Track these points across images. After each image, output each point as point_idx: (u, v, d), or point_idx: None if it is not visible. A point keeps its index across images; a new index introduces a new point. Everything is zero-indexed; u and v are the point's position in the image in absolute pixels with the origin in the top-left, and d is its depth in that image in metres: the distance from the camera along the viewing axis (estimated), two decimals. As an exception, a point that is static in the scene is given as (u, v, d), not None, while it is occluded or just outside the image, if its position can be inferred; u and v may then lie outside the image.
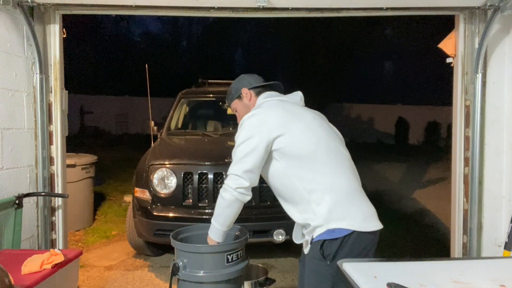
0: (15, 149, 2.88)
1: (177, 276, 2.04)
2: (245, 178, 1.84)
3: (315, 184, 1.80)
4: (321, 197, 1.79)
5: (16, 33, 2.90)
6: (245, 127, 1.88)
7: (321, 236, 1.79)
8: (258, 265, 2.60)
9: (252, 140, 1.83)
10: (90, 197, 5.63)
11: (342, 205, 1.79)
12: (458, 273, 1.42)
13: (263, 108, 1.96)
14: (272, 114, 1.88)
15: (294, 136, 1.83)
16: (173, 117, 5.34)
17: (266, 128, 1.83)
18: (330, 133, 1.96)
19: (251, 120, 1.88)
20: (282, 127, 1.83)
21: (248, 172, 1.84)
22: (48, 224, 3.14)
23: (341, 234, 1.77)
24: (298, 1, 2.95)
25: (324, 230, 1.78)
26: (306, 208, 1.83)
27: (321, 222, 1.78)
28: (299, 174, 1.82)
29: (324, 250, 1.78)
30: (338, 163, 1.87)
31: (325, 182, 1.80)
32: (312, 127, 1.89)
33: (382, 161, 12.05)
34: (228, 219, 1.94)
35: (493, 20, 2.87)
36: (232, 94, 2.18)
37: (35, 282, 2.04)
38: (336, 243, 1.77)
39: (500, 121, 3.06)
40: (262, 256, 4.32)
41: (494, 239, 3.07)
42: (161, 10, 3.07)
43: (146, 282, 3.81)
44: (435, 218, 6.16)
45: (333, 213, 1.77)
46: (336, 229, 1.77)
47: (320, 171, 1.81)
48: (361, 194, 1.89)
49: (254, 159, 1.83)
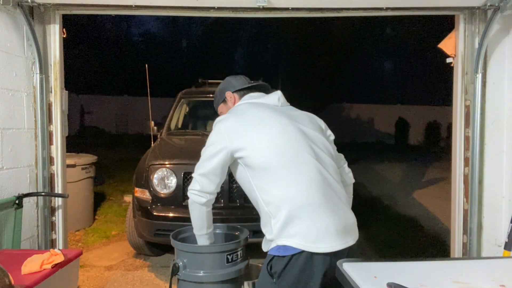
0: (15, 149, 2.88)
1: (177, 276, 2.04)
2: (198, 181, 1.86)
3: (271, 197, 1.70)
4: (275, 211, 1.68)
5: (16, 33, 2.91)
6: (213, 131, 1.89)
7: (271, 251, 1.72)
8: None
9: (214, 146, 1.84)
10: (90, 197, 5.63)
11: (295, 221, 1.64)
12: (458, 273, 1.42)
13: (231, 113, 1.95)
14: (236, 122, 1.84)
15: (253, 148, 1.75)
16: (173, 117, 5.34)
17: (228, 136, 1.81)
18: (301, 141, 1.78)
19: (218, 125, 1.88)
20: (241, 138, 1.78)
21: (202, 176, 1.85)
22: (48, 224, 3.15)
23: (289, 253, 1.64)
24: (298, 1, 2.95)
25: (274, 245, 1.69)
26: (266, 220, 1.76)
27: (273, 236, 1.69)
28: (259, 185, 1.75)
29: (272, 266, 1.71)
30: (300, 175, 1.70)
31: (280, 195, 1.68)
32: (278, 136, 1.76)
33: (382, 161, 12.06)
34: (196, 223, 1.95)
35: (493, 20, 2.87)
36: (218, 98, 2.16)
37: (35, 282, 2.04)
38: (283, 261, 1.65)
39: (500, 121, 3.06)
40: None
41: (494, 239, 3.07)
42: (161, 10, 3.07)
43: (146, 282, 3.81)
44: (435, 218, 6.16)
45: (285, 228, 1.65)
46: (284, 246, 1.65)
47: (276, 184, 1.70)
48: (327, 209, 1.67)
49: (212, 165, 1.83)
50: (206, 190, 1.86)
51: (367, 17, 3.37)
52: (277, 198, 1.69)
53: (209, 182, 1.85)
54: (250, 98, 2.03)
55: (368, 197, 7.61)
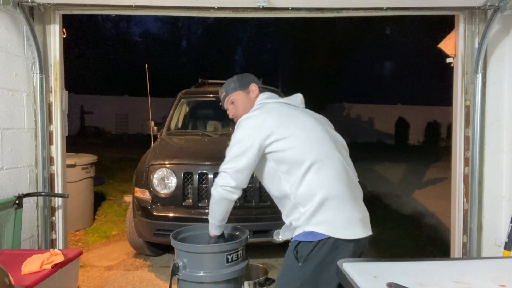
0: (15, 149, 2.88)
1: (177, 276, 2.04)
2: (233, 177, 1.85)
3: (303, 189, 1.80)
4: (306, 201, 1.80)
5: (16, 33, 2.91)
6: (242, 127, 1.90)
7: (297, 237, 1.83)
8: (258, 265, 2.60)
9: (247, 141, 1.84)
10: (90, 197, 5.63)
11: (325, 210, 1.78)
12: (458, 273, 1.42)
13: (262, 110, 1.96)
14: (269, 118, 1.89)
15: (289, 142, 1.83)
16: (173, 117, 5.33)
17: (262, 131, 1.84)
18: (327, 138, 1.92)
19: (248, 121, 1.90)
20: (277, 132, 1.84)
21: (237, 172, 1.85)
22: (48, 224, 3.15)
23: (316, 238, 1.77)
24: (298, 1, 2.95)
25: (300, 232, 1.81)
26: (293, 210, 1.86)
27: (300, 223, 1.82)
28: (289, 178, 1.83)
29: (298, 251, 1.81)
30: (330, 170, 1.83)
31: (312, 187, 1.79)
32: (309, 133, 1.89)
33: (382, 161, 12.06)
34: (218, 215, 1.98)
35: (493, 20, 2.87)
36: (237, 86, 2.14)
37: (35, 282, 2.04)
38: (310, 246, 1.77)
39: (500, 121, 3.06)
40: (262, 256, 4.32)
41: (494, 239, 3.07)
42: (161, 10, 3.07)
43: (146, 282, 3.81)
44: (435, 218, 6.16)
45: (314, 216, 1.78)
46: (312, 232, 1.78)
47: (309, 177, 1.80)
48: (351, 200, 1.84)
49: (246, 160, 1.84)
50: (241, 186, 1.87)
51: (367, 17, 3.37)
52: (309, 190, 1.79)
53: (244, 178, 1.87)
54: (274, 97, 2.07)
55: (368, 197, 7.60)
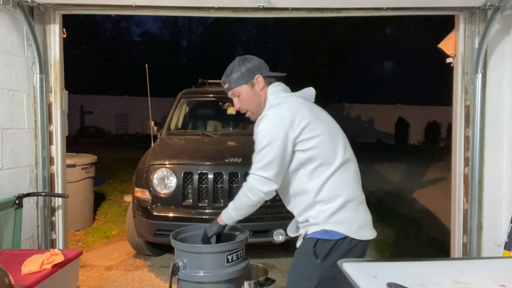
0: (15, 149, 2.88)
1: (177, 276, 2.04)
2: (276, 181, 1.83)
3: (327, 188, 1.82)
4: (329, 200, 1.82)
5: (16, 33, 2.91)
6: (271, 126, 1.80)
7: (315, 234, 1.83)
8: (258, 265, 2.60)
9: (280, 142, 1.78)
10: (90, 197, 5.63)
11: (344, 211, 1.82)
12: (458, 273, 1.42)
13: (288, 105, 1.85)
14: (300, 114, 1.81)
15: (318, 140, 1.81)
16: (173, 117, 5.33)
17: (294, 129, 1.79)
18: (347, 141, 1.94)
19: (278, 119, 1.80)
20: (309, 130, 1.80)
21: (278, 176, 1.83)
22: (48, 224, 3.15)
23: (335, 237, 1.80)
24: (298, 1, 2.95)
25: (319, 229, 1.82)
26: (310, 207, 1.85)
27: (319, 221, 1.82)
28: (314, 176, 1.82)
29: (317, 249, 1.81)
30: (350, 171, 1.88)
31: (336, 188, 1.82)
32: (332, 132, 1.88)
33: (382, 161, 12.06)
34: (247, 214, 1.97)
35: (493, 20, 2.87)
36: (240, 77, 1.96)
37: (35, 282, 2.04)
38: (329, 244, 1.80)
39: (500, 121, 3.06)
40: (262, 256, 4.32)
41: (494, 239, 3.07)
42: (161, 10, 3.07)
43: (146, 282, 3.81)
44: (435, 218, 6.16)
45: (333, 216, 1.81)
46: (331, 230, 1.81)
47: (335, 177, 1.82)
48: (362, 203, 1.91)
49: (283, 162, 1.81)
50: (276, 188, 1.86)
51: (367, 17, 3.37)
52: (334, 190, 1.82)
53: (280, 181, 1.85)
54: (288, 90, 1.97)
55: (368, 197, 7.61)
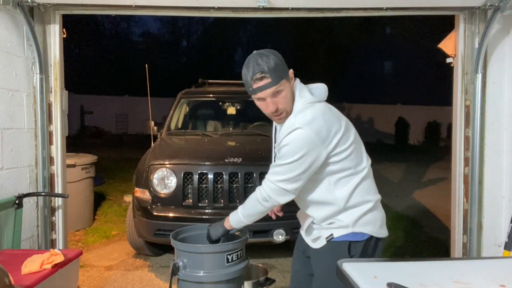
0: (15, 149, 2.88)
1: (177, 276, 2.04)
2: (295, 194, 1.81)
3: (357, 194, 1.83)
4: (359, 204, 1.84)
5: (16, 33, 2.91)
6: (306, 142, 1.70)
7: (345, 237, 1.83)
8: (258, 265, 2.60)
9: (312, 159, 1.72)
10: (90, 197, 5.63)
11: (370, 213, 1.86)
12: (458, 273, 1.42)
13: (322, 117, 1.74)
14: (334, 128, 1.74)
15: (349, 151, 1.79)
16: (173, 117, 5.33)
17: (327, 145, 1.72)
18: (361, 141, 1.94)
19: (313, 134, 1.70)
20: (342, 143, 1.77)
21: (298, 189, 1.80)
22: (48, 224, 3.15)
23: (363, 238, 1.85)
24: (298, 1, 2.95)
25: (348, 232, 1.83)
26: (338, 213, 1.84)
27: (347, 224, 1.83)
28: (338, 183, 1.82)
29: (351, 251, 1.84)
30: (371, 173, 1.91)
31: (363, 193, 1.85)
32: (358, 139, 1.87)
33: (382, 161, 12.05)
34: (256, 219, 1.98)
35: (493, 20, 2.87)
36: (282, 71, 1.76)
37: (35, 282, 2.04)
38: (360, 245, 1.85)
39: (500, 121, 3.06)
40: (262, 256, 4.32)
41: (494, 239, 3.07)
42: (161, 10, 3.07)
43: (146, 282, 3.81)
44: (435, 218, 6.16)
45: (361, 218, 1.84)
46: (359, 232, 1.84)
47: (364, 182, 1.85)
48: (380, 203, 1.96)
49: (307, 177, 1.77)
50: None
51: (367, 17, 3.37)
52: (363, 196, 1.84)
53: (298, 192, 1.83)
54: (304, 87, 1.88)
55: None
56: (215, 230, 2.05)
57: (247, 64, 1.77)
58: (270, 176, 1.81)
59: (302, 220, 2.04)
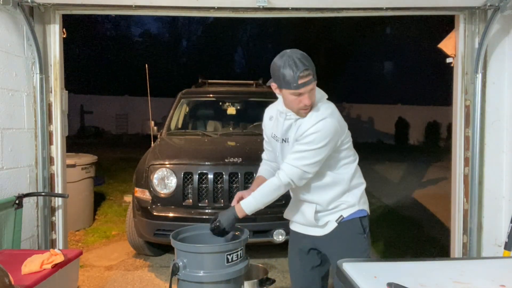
0: (15, 149, 2.88)
1: (177, 276, 2.04)
2: (312, 173, 1.99)
3: (357, 176, 2.14)
4: (357, 186, 2.13)
5: (16, 33, 2.91)
6: (331, 130, 1.95)
7: (355, 214, 2.09)
8: (258, 265, 2.61)
9: (331, 146, 1.98)
10: (90, 197, 5.63)
11: (364, 194, 2.18)
12: (458, 273, 1.42)
13: (337, 113, 2.06)
14: (342, 122, 2.06)
15: (349, 140, 2.10)
16: (173, 117, 5.33)
17: (340, 135, 2.01)
18: None
19: (335, 125, 1.98)
20: (347, 135, 2.08)
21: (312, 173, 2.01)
22: (48, 224, 3.15)
23: (366, 214, 2.14)
24: (298, 1, 2.95)
25: (356, 210, 2.10)
26: (344, 193, 2.09)
27: (353, 203, 2.09)
28: (342, 167, 2.08)
29: (363, 225, 2.10)
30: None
31: (360, 176, 2.17)
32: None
33: (382, 161, 12.05)
34: (269, 200, 2.06)
35: (493, 20, 2.87)
36: (313, 77, 1.95)
37: (35, 282, 2.04)
38: (367, 220, 2.14)
39: (500, 121, 3.06)
40: (262, 256, 4.32)
41: (494, 239, 3.07)
42: (161, 10, 3.07)
43: (146, 282, 3.81)
44: (435, 218, 6.16)
45: (362, 197, 2.15)
46: (363, 209, 2.13)
47: (357, 167, 2.15)
48: None
49: (323, 160, 2.00)
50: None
51: (367, 17, 3.37)
52: (360, 177, 2.17)
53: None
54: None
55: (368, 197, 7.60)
56: (227, 219, 2.08)
57: (290, 62, 1.89)
58: (295, 161, 1.96)
59: (299, 215, 2.16)
